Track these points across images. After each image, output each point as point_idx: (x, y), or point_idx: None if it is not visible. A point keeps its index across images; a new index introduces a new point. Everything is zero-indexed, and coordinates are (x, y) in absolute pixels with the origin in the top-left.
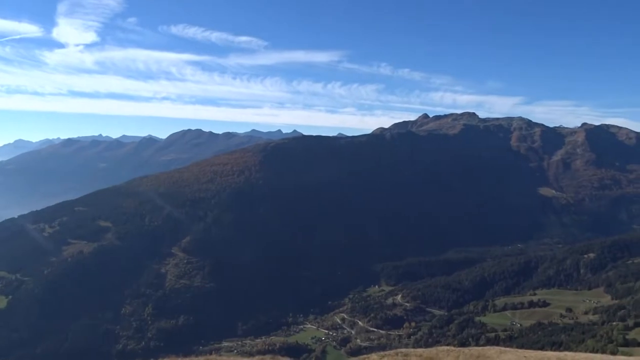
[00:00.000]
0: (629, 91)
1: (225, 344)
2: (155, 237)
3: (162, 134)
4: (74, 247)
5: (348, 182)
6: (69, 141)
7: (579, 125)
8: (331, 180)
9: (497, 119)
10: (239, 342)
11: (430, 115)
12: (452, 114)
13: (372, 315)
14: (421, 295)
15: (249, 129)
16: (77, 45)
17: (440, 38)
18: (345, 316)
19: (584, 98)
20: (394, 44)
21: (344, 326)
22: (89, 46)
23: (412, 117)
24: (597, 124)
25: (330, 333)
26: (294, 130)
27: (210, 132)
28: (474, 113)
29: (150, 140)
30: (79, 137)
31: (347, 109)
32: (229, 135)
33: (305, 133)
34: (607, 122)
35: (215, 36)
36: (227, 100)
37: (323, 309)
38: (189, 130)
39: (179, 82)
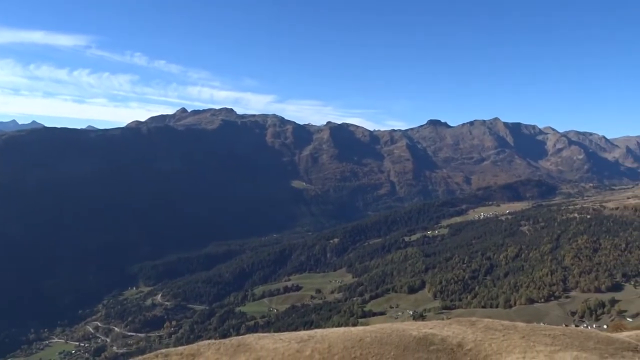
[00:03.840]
0: (363, 95)
1: None
2: None
3: None
4: None
5: (101, 177)
6: None
7: (325, 123)
8: (81, 177)
9: (254, 115)
10: None
11: (189, 110)
12: (210, 109)
13: (130, 319)
14: (182, 292)
15: None
16: None
17: (197, 32)
18: (100, 324)
19: (329, 98)
20: (149, 33)
21: (98, 335)
22: None
23: (170, 110)
24: (339, 122)
25: (82, 345)
26: (33, 121)
27: None
28: (231, 109)
29: None
30: None
31: (97, 99)
32: None
33: (48, 124)
34: (347, 121)
35: None
36: None
37: (73, 319)
38: None
39: None
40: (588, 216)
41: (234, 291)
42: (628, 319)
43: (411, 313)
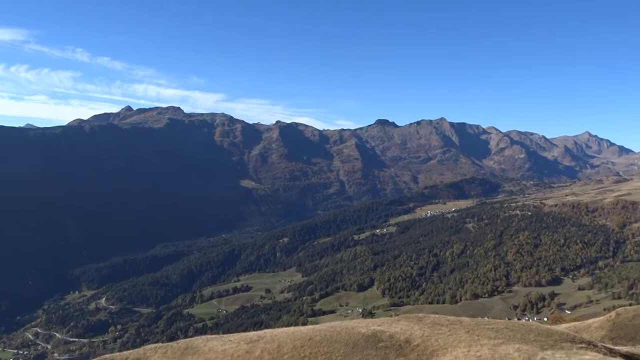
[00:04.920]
0: (312, 94)
1: None
2: None
3: None
4: None
5: (41, 178)
6: None
7: (274, 122)
8: (20, 176)
9: (202, 114)
10: None
11: (134, 108)
12: (157, 108)
13: (72, 324)
14: (127, 295)
15: None
16: None
17: (142, 28)
18: (40, 330)
19: (278, 98)
20: (91, 28)
21: (39, 342)
22: None
23: (115, 109)
24: (288, 122)
25: (21, 352)
26: None
27: None
28: (179, 107)
29: None
30: None
31: (36, 96)
32: None
33: None
34: (296, 121)
35: None
36: None
37: (11, 325)
38: None
39: None
40: (529, 213)
41: (181, 293)
42: (567, 311)
43: (360, 311)
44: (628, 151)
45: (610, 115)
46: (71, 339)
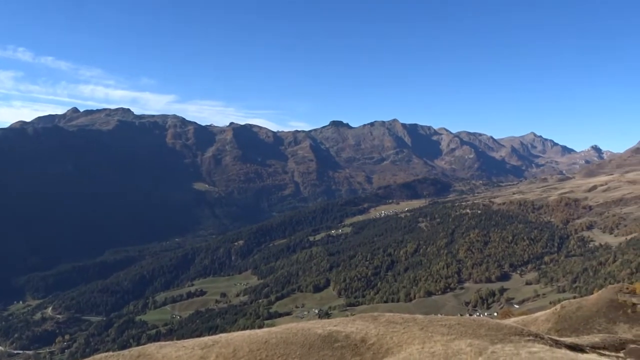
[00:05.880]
0: (266, 96)
1: None
2: None
3: None
4: None
5: None
6: None
7: (227, 124)
8: None
9: (153, 115)
10: None
11: (81, 110)
12: (105, 109)
13: (16, 336)
14: (76, 304)
15: None
16: None
17: (87, 27)
18: None
19: (231, 99)
20: (34, 26)
21: None
22: None
23: (60, 110)
24: (242, 123)
25: None
26: None
27: None
28: (129, 109)
29: None
30: None
31: None
32: None
33: None
34: (250, 122)
35: None
36: None
37: None
38: None
39: None
40: (479, 211)
41: (133, 299)
42: (515, 305)
43: (317, 312)
44: (570, 151)
45: (554, 116)
46: (15, 351)
